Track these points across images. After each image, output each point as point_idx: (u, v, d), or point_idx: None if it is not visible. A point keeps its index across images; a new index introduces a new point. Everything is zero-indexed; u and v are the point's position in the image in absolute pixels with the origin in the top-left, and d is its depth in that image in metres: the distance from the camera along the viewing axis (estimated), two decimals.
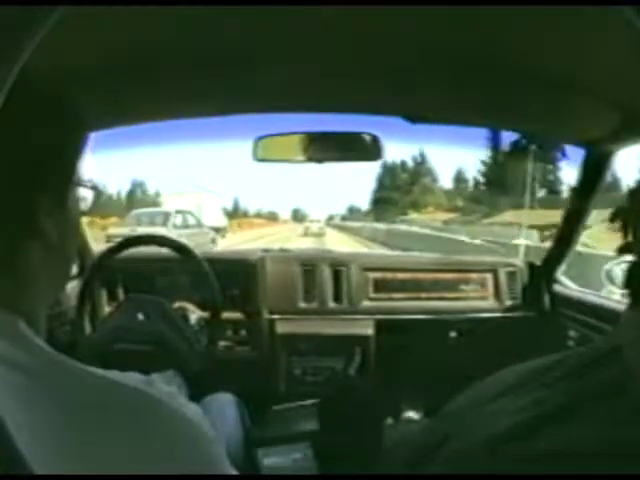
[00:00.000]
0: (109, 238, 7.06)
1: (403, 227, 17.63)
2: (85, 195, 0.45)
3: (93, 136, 1.12)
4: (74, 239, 0.44)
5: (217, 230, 11.81)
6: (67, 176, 0.40)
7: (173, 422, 0.35)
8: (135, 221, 8.90)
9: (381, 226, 19.28)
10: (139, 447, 0.32)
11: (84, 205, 0.45)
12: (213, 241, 9.72)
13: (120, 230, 8.02)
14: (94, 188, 0.46)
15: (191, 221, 9.66)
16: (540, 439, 0.32)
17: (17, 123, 0.32)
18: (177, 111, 1.07)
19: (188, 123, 1.12)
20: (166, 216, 9.01)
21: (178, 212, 9.52)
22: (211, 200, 14.62)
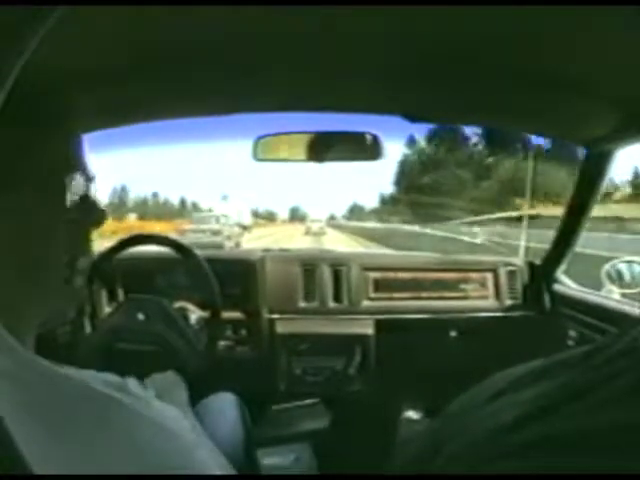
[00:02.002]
0: (182, 232, 11.67)
1: None
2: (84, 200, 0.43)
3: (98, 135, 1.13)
4: (66, 246, 0.42)
5: (245, 227, 16.77)
6: (58, 180, 0.39)
7: (142, 429, 0.33)
8: (198, 220, 12.97)
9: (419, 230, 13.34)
10: (106, 456, 0.30)
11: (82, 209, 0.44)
12: (241, 235, 14.00)
13: (189, 226, 12.37)
14: (88, 179, 0.44)
15: (230, 221, 13.80)
16: (543, 428, 0.32)
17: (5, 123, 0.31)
18: (177, 110, 1.07)
19: (188, 122, 1.12)
20: (217, 218, 12.90)
21: (223, 215, 13.69)
22: (244, 206, 21.08)
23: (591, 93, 0.86)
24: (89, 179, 0.44)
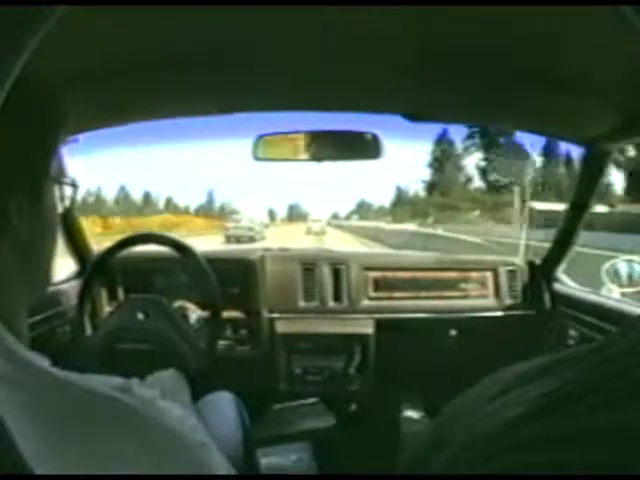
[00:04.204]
0: (227, 228, 15.91)
1: None
2: (65, 194, 0.44)
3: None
4: (51, 238, 0.43)
5: (267, 225, 21.65)
6: (38, 175, 0.39)
7: (148, 431, 0.33)
8: (235, 220, 17.20)
9: None
10: (112, 458, 0.30)
11: (64, 203, 0.44)
12: (263, 230, 17.78)
13: (229, 224, 16.58)
14: (73, 186, 0.45)
15: (257, 221, 18.27)
16: (547, 426, 0.31)
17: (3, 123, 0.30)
18: (177, 110, 1.07)
19: (188, 122, 1.12)
20: (251, 219, 17.39)
21: (252, 217, 18.21)
22: (264, 209, 26.96)
23: (591, 93, 0.86)
24: (74, 184, 0.45)
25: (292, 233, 21.29)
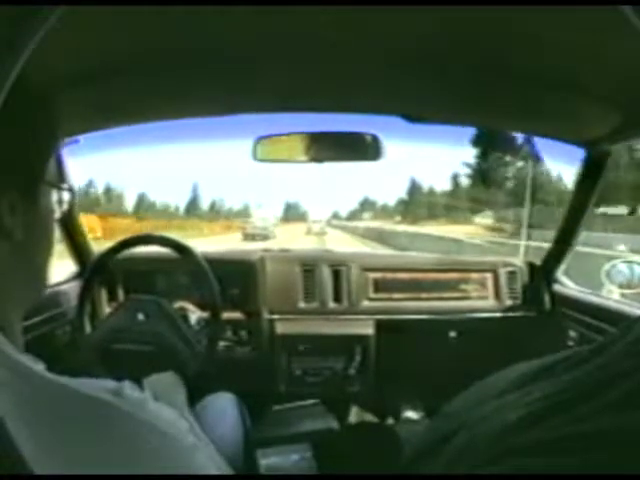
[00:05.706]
0: (245, 228, 20.13)
1: None
2: (63, 196, 0.43)
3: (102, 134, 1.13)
4: (46, 241, 0.42)
5: (276, 225, 24.99)
6: (34, 176, 0.39)
7: (138, 433, 0.33)
8: (251, 222, 21.39)
9: None
10: (102, 460, 0.30)
11: (62, 205, 0.44)
12: (274, 229, 20.88)
13: (248, 225, 20.60)
14: (70, 191, 0.45)
15: (269, 222, 22.02)
16: (548, 429, 0.31)
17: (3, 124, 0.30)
18: (177, 111, 1.07)
19: (188, 123, 1.12)
20: (264, 220, 21.20)
21: (265, 218, 22.30)
22: (272, 211, 31.13)
23: (591, 93, 0.86)
24: (70, 189, 0.45)
25: (292, 233, 22.89)
